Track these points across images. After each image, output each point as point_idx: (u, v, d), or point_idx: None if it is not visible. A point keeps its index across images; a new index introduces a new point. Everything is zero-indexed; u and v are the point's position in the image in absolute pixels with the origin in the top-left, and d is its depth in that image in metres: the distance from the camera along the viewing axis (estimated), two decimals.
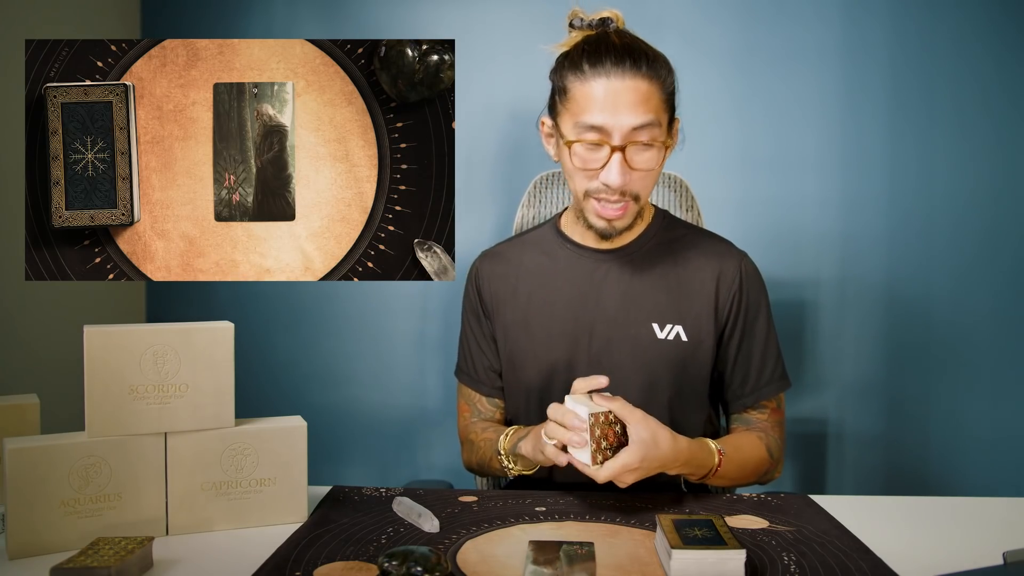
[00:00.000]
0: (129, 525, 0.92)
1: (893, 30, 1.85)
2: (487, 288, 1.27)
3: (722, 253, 1.23)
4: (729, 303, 1.20)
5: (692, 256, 1.22)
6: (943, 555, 0.90)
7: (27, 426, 1.01)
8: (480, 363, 1.29)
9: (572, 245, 1.24)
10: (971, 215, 1.86)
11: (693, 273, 1.20)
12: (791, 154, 1.87)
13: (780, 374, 1.23)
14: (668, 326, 1.18)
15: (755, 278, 1.23)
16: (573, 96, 1.09)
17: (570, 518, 0.98)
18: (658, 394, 1.18)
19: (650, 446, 0.97)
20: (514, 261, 1.27)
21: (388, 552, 0.80)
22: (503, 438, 1.16)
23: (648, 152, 1.09)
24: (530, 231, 1.32)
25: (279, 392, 1.97)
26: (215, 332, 0.96)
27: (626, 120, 1.06)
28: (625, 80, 1.06)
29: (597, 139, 1.07)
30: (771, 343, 1.23)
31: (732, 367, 1.22)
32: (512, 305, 1.25)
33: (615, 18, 1.14)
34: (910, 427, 1.90)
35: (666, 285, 1.20)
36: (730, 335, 1.21)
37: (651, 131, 1.07)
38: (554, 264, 1.24)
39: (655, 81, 1.08)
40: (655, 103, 1.08)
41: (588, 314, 1.20)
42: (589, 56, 1.08)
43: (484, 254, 1.32)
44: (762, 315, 1.23)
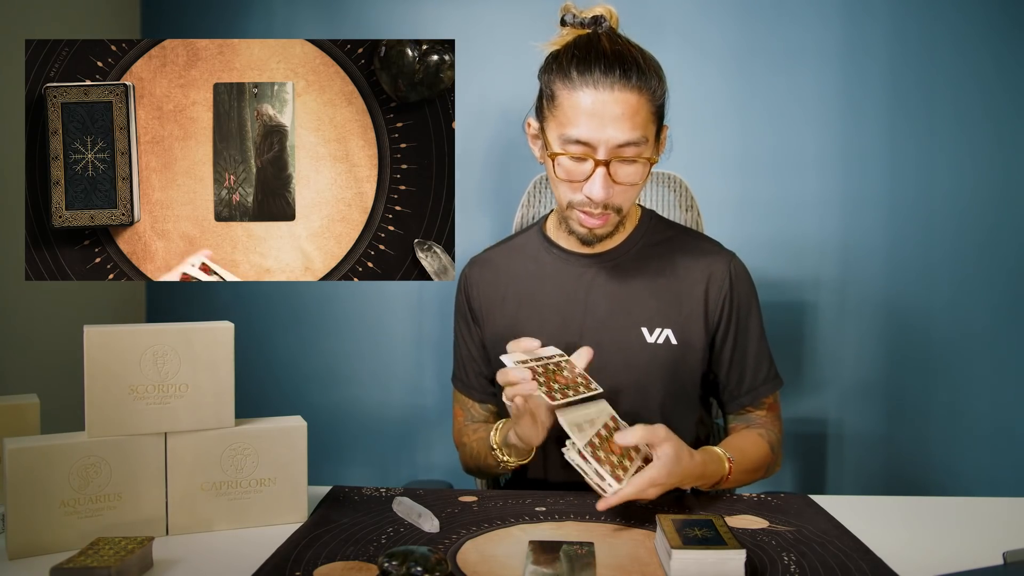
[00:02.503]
0: (129, 525, 0.92)
1: (893, 30, 1.85)
2: (476, 295, 1.27)
3: (710, 254, 1.22)
4: (720, 305, 1.19)
5: (680, 258, 1.21)
6: (943, 555, 0.90)
7: (27, 426, 1.01)
8: (471, 369, 1.29)
9: (558, 250, 1.23)
10: (971, 215, 1.86)
11: (682, 276, 1.19)
12: (791, 154, 1.87)
13: (775, 371, 1.24)
14: (657, 330, 1.17)
15: (744, 277, 1.23)
16: (560, 104, 1.07)
17: (570, 518, 0.98)
18: (649, 398, 1.18)
19: (675, 462, 0.96)
20: (502, 267, 1.27)
21: (388, 552, 0.80)
22: (494, 432, 1.16)
23: (633, 167, 1.07)
24: (517, 236, 1.31)
25: (279, 392, 1.97)
26: (215, 332, 0.96)
27: (612, 135, 1.04)
28: (614, 92, 1.03)
29: (582, 152, 1.06)
30: (763, 341, 1.23)
31: (728, 368, 1.22)
32: (501, 311, 1.24)
33: (608, 15, 1.12)
34: (910, 427, 1.90)
35: (654, 289, 1.19)
36: (724, 337, 1.20)
37: (637, 148, 1.05)
38: (541, 270, 1.23)
39: (645, 93, 1.05)
40: (643, 117, 1.05)
41: (577, 319, 1.19)
42: (578, 63, 1.05)
43: (473, 260, 1.32)
44: (753, 314, 1.23)
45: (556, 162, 1.09)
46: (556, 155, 1.08)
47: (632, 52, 1.07)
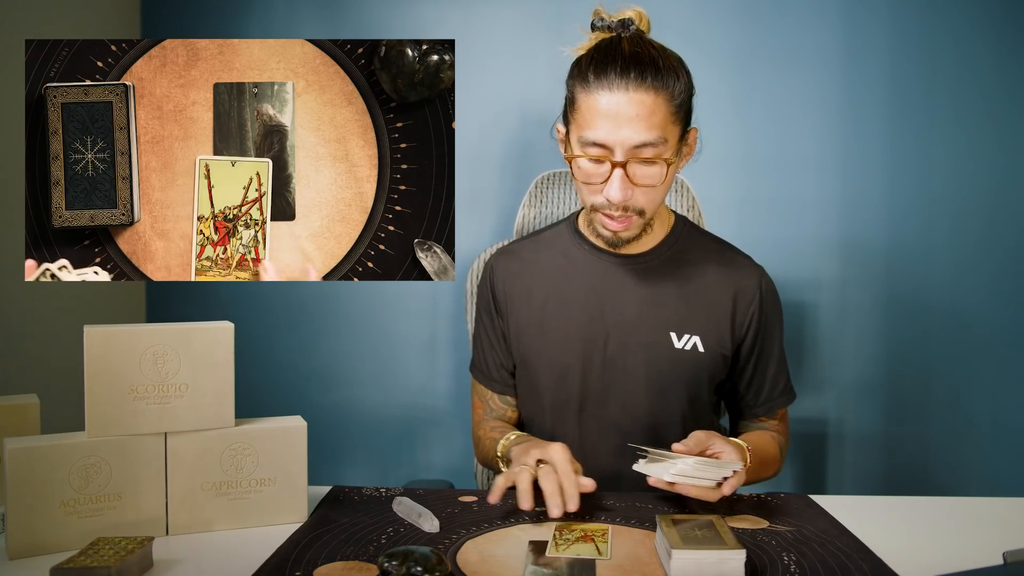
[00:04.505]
0: (129, 525, 0.92)
1: (893, 30, 1.84)
2: (501, 286, 1.27)
3: (742, 267, 1.22)
4: (748, 320, 1.20)
5: (711, 268, 1.21)
6: (943, 555, 0.90)
7: (27, 426, 1.01)
8: (492, 360, 1.29)
9: (589, 246, 1.23)
10: (971, 215, 1.86)
11: (712, 285, 1.19)
12: (791, 154, 1.87)
13: (790, 386, 1.27)
14: (686, 336, 1.18)
15: (773, 296, 1.24)
16: (579, 107, 1.07)
17: (570, 518, 0.98)
18: (670, 402, 1.18)
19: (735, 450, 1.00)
20: (529, 260, 1.27)
21: (388, 552, 0.80)
22: (503, 441, 1.16)
23: (652, 168, 1.06)
24: (546, 230, 1.31)
25: (279, 392, 1.97)
26: (215, 332, 0.96)
27: (628, 136, 1.03)
28: (629, 92, 1.02)
29: (599, 154, 1.05)
30: (783, 357, 1.26)
31: (748, 381, 1.23)
32: (527, 305, 1.24)
33: (638, 18, 1.11)
34: (910, 427, 1.90)
35: (684, 295, 1.19)
36: (749, 352, 1.21)
37: (655, 148, 1.04)
38: (571, 264, 1.23)
39: (662, 93, 1.04)
40: (661, 117, 1.04)
41: (604, 317, 1.19)
42: (595, 66, 1.05)
43: (500, 251, 1.31)
44: (777, 331, 1.24)
45: (575, 164, 1.09)
46: (575, 157, 1.08)
47: (651, 53, 1.06)
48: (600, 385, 1.19)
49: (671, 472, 0.94)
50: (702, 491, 0.95)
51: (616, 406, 1.19)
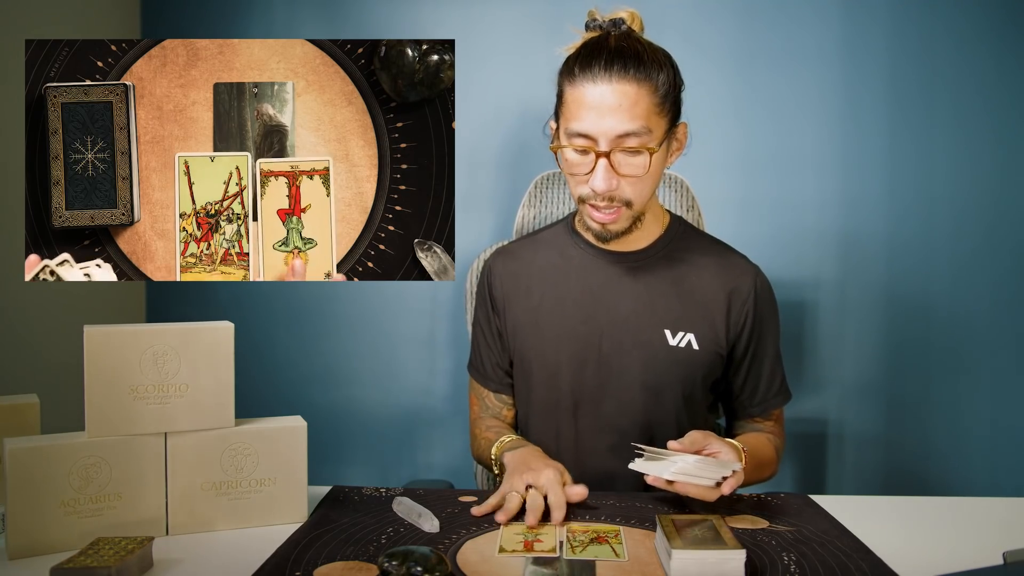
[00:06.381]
0: (129, 525, 0.92)
1: (893, 30, 1.84)
2: (499, 285, 1.27)
3: (737, 266, 1.22)
4: (743, 319, 1.20)
5: (706, 266, 1.21)
6: (943, 555, 0.90)
7: (27, 426, 1.01)
8: (488, 359, 1.29)
9: (585, 245, 1.23)
10: (971, 215, 1.86)
11: (707, 284, 1.20)
12: (791, 154, 1.87)
13: (786, 386, 1.26)
14: (680, 333, 1.18)
15: (768, 294, 1.23)
16: (565, 101, 1.10)
17: (570, 518, 0.98)
18: (664, 399, 1.18)
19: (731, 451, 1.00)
20: (526, 259, 1.27)
21: (388, 552, 0.80)
22: (497, 443, 1.17)
23: (637, 157, 1.07)
24: (544, 229, 1.32)
25: (279, 392, 1.97)
26: (215, 332, 0.96)
27: (611, 126, 1.04)
28: (612, 84, 1.04)
29: (584, 145, 1.07)
30: (778, 356, 1.25)
31: (743, 380, 1.23)
32: (524, 303, 1.24)
33: (630, 18, 1.12)
34: (910, 427, 1.90)
35: (679, 293, 1.19)
36: (744, 351, 1.21)
37: (639, 138, 1.05)
38: (566, 263, 1.24)
39: (645, 84, 1.05)
40: (644, 107, 1.05)
41: (599, 315, 1.19)
42: (581, 61, 1.07)
43: (498, 251, 1.32)
44: (773, 330, 1.24)
45: (561, 155, 1.11)
46: (561, 147, 1.10)
47: (636, 48, 1.07)
48: (595, 383, 1.19)
49: (671, 470, 0.94)
50: (701, 490, 0.95)
51: (611, 404, 1.19)
